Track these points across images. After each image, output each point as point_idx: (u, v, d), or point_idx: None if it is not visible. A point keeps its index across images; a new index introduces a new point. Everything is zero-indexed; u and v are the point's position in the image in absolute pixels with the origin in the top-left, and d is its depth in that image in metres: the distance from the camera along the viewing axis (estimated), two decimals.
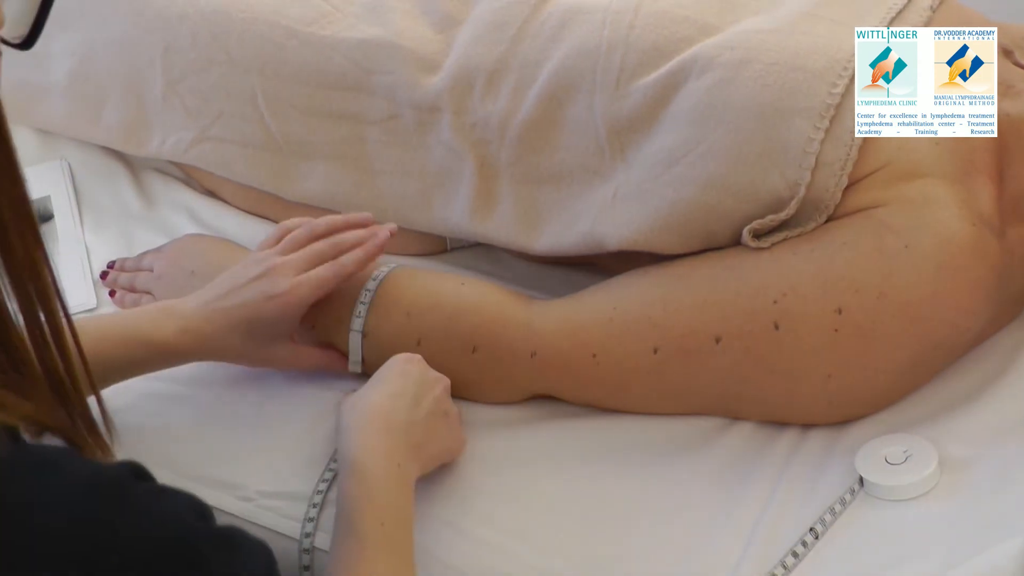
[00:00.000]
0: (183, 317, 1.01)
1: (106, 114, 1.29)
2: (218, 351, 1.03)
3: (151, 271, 1.18)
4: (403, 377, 0.96)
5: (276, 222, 1.26)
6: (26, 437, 0.62)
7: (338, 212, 1.21)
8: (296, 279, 1.01)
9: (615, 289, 1.04)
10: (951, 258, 0.94)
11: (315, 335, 1.07)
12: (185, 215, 1.28)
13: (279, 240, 1.06)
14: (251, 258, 1.05)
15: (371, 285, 1.06)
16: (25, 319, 0.62)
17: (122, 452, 0.72)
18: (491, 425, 1.04)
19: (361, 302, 1.05)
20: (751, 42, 1.00)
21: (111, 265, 1.23)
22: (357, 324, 1.05)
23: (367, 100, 1.17)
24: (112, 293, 1.21)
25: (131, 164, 1.34)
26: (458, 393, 1.06)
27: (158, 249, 1.20)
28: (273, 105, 1.20)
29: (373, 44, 1.16)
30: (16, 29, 0.57)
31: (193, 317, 1.01)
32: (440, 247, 1.23)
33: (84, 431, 0.66)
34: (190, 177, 1.32)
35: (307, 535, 0.95)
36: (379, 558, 0.84)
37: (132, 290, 1.19)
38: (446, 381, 1.00)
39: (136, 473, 0.62)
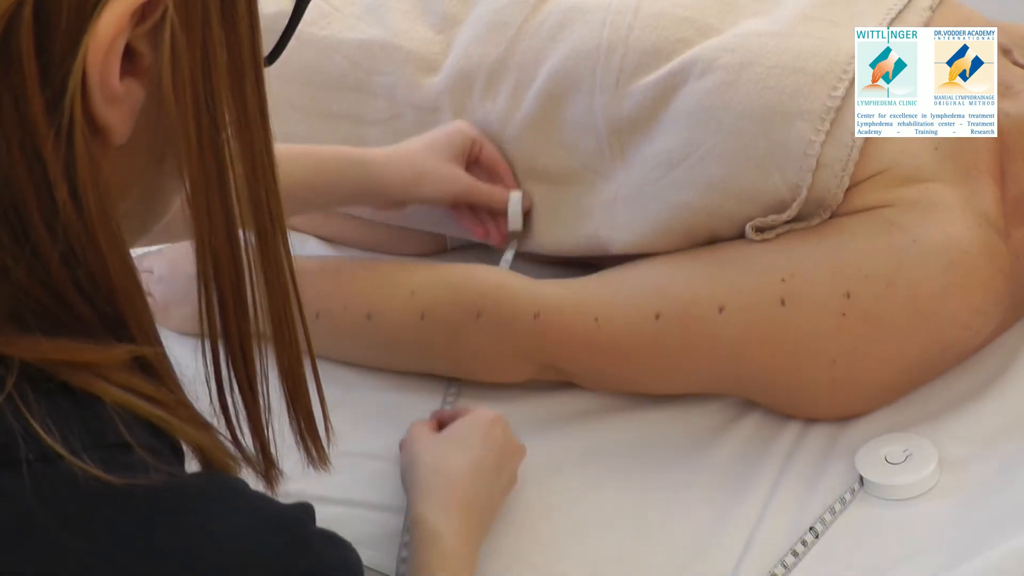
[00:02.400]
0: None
1: None
2: (406, 161, 1.08)
3: (151, 272, 1.19)
4: (486, 443, 0.93)
5: None
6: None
7: (339, 213, 1.22)
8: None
9: (624, 266, 1.05)
10: (960, 256, 0.93)
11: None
12: None
13: None
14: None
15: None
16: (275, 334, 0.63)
17: None
18: None
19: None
20: (751, 44, 1.00)
21: None
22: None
23: (368, 100, 1.17)
24: None
25: None
26: (464, 368, 1.06)
27: (159, 251, 1.20)
28: (274, 105, 1.19)
29: (373, 45, 1.16)
30: None
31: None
32: (440, 246, 1.24)
33: (311, 449, 0.67)
34: None
35: None
36: None
37: None
38: (524, 452, 0.97)
39: (312, 516, 0.62)
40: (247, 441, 0.63)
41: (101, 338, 0.55)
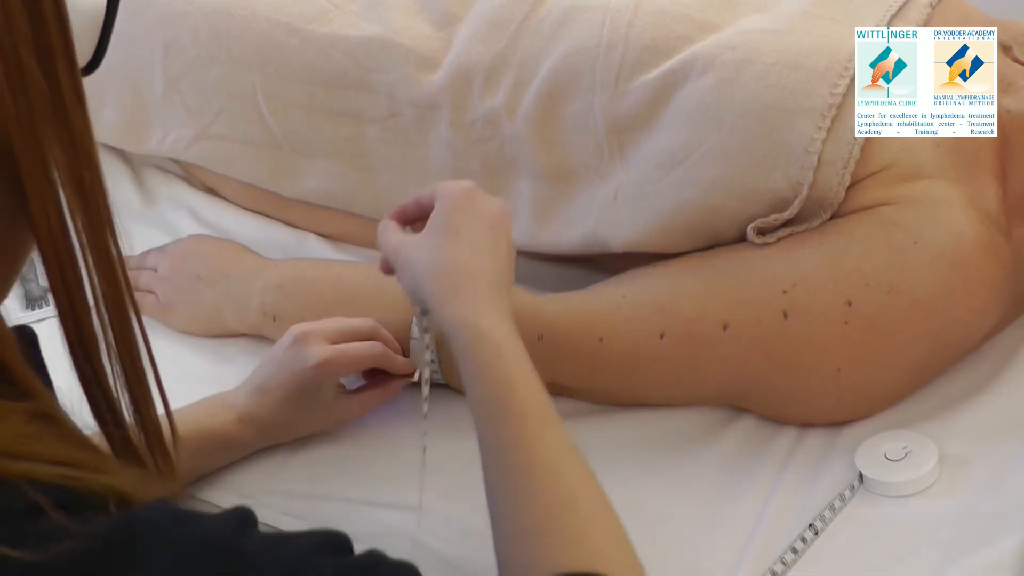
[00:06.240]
0: (236, 407, 0.99)
1: (106, 111, 1.29)
2: (279, 430, 1.02)
3: (155, 270, 1.18)
4: (475, 222, 0.84)
5: (277, 220, 1.26)
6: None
7: (339, 210, 1.21)
8: (327, 347, 0.98)
9: (624, 280, 1.04)
10: (963, 255, 0.93)
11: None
12: (185, 213, 1.28)
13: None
14: (287, 331, 1.01)
15: None
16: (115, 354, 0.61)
17: None
18: None
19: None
20: (752, 42, 1.00)
21: None
22: (415, 332, 1.03)
23: (367, 98, 1.17)
24: None
25: (131, 161, 1.34)
26: None
27: (162, 248, 1.20)
28: (273, 103, 1.20)
29: (373, 42, 1.16)
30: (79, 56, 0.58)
31: (246, 405, 0.99)
32: None
33: (158, 460, 0.65)
34: (190, 175, 1.32)
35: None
36: (549, 432, 0.74)
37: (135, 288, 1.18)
38: (507, 207, 0.88)
39: (245, 521, 0.59)
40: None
41: None
